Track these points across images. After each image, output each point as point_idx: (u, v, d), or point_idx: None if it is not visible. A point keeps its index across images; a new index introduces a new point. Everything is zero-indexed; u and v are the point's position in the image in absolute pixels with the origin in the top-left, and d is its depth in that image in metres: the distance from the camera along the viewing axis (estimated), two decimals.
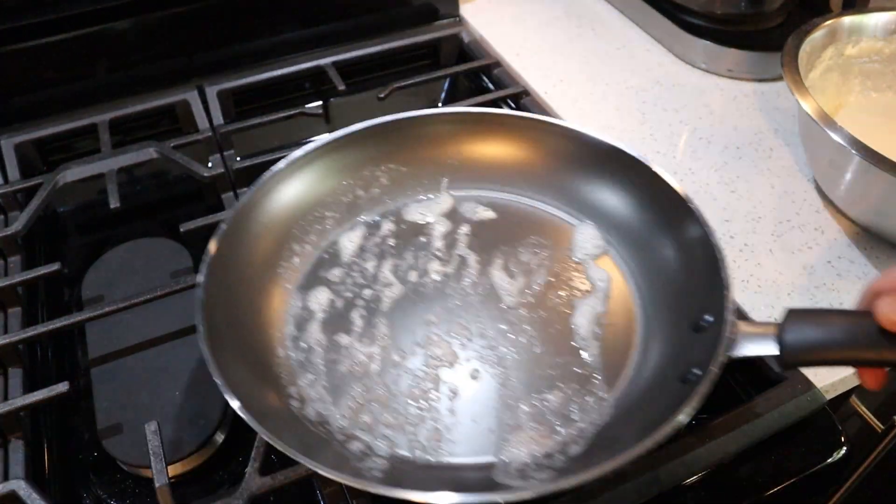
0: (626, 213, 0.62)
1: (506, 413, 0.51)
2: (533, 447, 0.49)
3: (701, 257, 0.53)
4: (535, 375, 0.54)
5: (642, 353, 0.55)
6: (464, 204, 0.66)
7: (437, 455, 0.49)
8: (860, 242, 0.65)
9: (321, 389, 0.53)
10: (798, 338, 0.44)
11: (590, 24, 0.92)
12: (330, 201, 0.64)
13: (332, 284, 0.60)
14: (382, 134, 0.65)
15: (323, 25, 0.87)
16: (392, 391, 0.53)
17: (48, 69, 0.77)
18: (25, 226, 0.65)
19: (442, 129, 0.66)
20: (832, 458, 0.52)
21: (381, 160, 0.65)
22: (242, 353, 0.52)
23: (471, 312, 0.58)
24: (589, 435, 0.50)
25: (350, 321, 0.58)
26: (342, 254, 0.62)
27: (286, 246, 0.61)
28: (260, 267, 0.58)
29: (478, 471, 0.48)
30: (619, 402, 0.52)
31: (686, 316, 0.53)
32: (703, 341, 0.49)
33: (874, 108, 0.74)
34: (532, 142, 0.66)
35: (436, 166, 0.67)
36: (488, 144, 0.67)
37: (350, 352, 0.55)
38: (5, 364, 0.57)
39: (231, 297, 0.54)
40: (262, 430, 0.44)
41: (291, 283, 0.60)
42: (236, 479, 0.53)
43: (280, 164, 0.60)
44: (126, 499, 0.53)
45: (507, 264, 0.61)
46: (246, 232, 0.58)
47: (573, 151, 0.64)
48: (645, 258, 0.60)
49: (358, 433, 0.50)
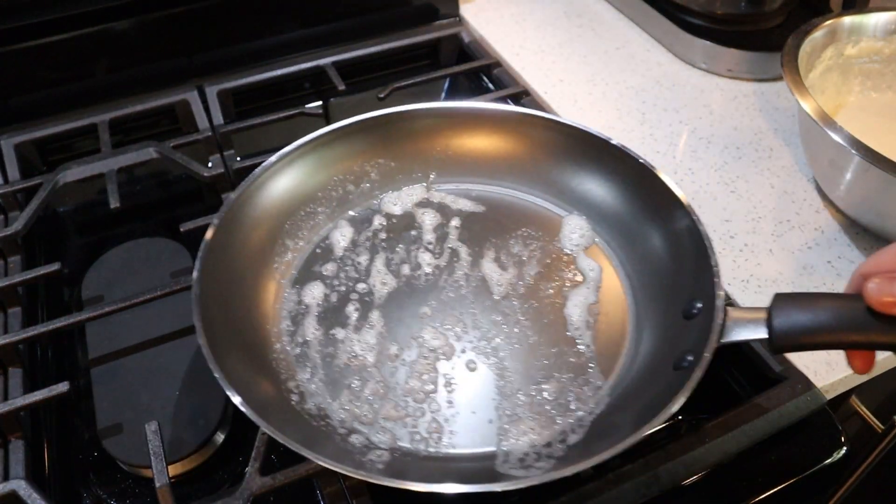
0: (613, 202, 0.63)
1: (504, 403, 0.52)
2: (532, 437, 0.50)
3: (689, 245, 0.54)
4: (530, 366, 0.54)
5: (635, 341, 0.55)
6: (452, 197, 0.67)
7: (438, 446, 0.50)
8: (860, 243, 0.65)
9: (319, 383, 0.53)
10: (787, 322, 0.44)
11: (590, 24, 0.92)
12: (321, 196, 0.64)
13: (325, 279, 0.61)
14: (371, 129, 0.65)
15: (323, 25, 0.87)
16: (390, 384, 0.53)
17: (48, 69, 0.77)
18: (25, 226, 0.65)
19: (429, 124, 0.67)
20: (832, 458, 0.52)
21: (370, 155, 0.66)
22: (240, 348, 0.52)
23: (464, 304, 0.59)
24: (587, 423, 0.50)
25: (345, 315, 0.58)
26: (335, 248, 0.63)
27: (279, 241, 0.61)
28: (254, 262, 0.59)
29: (479, 461, 0.49)
30: (615, 390, 0.52)
31: (676, 303, 0.54)
32: (694, 328, 0.50)
33: (874, 108, 0.74)
34: (518, 135, 0.66)
35: (424, 160, 0.67)
36: (475, 138, 0.67)
37: (346, 345, 0.56)
38: (5, 364, 0.57)
39: (226, 293, 0.54)
40: (265, 425, 0.44)
41: (285, 277, 0.60)
42: (236, 479, 0.53)
43: (271, 159, 0.61)
44: (126, 499, 0.53)
45: (498, 256, 0.62)
46: (239, 227, 0.58)
47: (558, 142, 0.65)
48: (633, 247, 0.61)
49: (358, 426, 0.51)
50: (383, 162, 0.66)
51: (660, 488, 0.49)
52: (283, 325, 0.57)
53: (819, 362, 0.56)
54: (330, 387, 0.53)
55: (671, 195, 0.56)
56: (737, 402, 0.54)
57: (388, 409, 0.52)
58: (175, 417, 0.54)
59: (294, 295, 0.59)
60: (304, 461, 0.48)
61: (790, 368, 0.56)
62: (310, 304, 0.59)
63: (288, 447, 0.43)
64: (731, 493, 0.51)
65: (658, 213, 0.58)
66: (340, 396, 0.52)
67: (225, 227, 0.56)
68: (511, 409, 0.52)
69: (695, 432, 0.51)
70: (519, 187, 0.67)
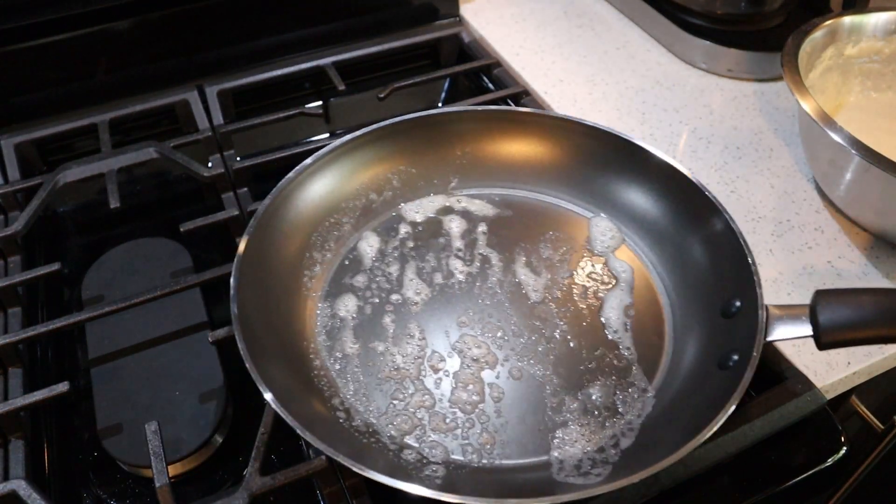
0: (641, 203, 0.63)
1: (552, 410, 0.52)
2: (584, 443, 0.50)
3: (724, 243, 0.55)
4: (574, 370, 0.54)
5: (675, 341, 0.56)
6: (476, 202, 0.66)
7: (492, 458, 0.49)
8: (860, 242, 0.65)
9: (364, 398, 0.53)
10: (832, 318, 0.45)
11: (590, 24, 0.92)
12: (344, 206, 0.64)
13: (357, 291, 0.60)
14: (391, 136, 0.65)
15: (323, 25, 0.87)
16: (436, 396, 0.53)
17: (48, 69, 0.77)
18: (25, 226, 0.65)
19: (453, 128, 0.67)
20: (832, 458, 0.52)
21: (391, 162, 0.66)
22: (284, 367, 0.51)
23: (501, 311, 0.58)
24: (637, 427, 0.50)
25: (382, 327, 0.57)
26: (363, 259, 0.62)
27: (307, 253, 0.61)
28: (285, 276, 0.58)
29: (535, 471, 0.49)
30: (661, 392, 0.52)
31: (714, 302, 0.54)
32: (736, 327, 0.50)
33: (874, 108, 0.74)
34: (543, 138, 0.66)
35: (446, 166, 0.67)
36: (497, 142, 0.67)
37: (387, 358, 0.55)
38: (5, 364, 0.57)
39: (262, 308, 0.54)
40: (331, 451, 0.43)
41: (317, 291, 0.60)
42: (236, 479, 0.53)
43: (298, 168, 0.60)
44: (126, 499, 0.53)
45: (529, 260, 0.62)
46: (270, 240, 0.58)
47: (582, 145, 0.65)
48: (663, 247, 0.61)
49: (409, 441, 0.50)
50: (404, 169, 0.66)
51: (660, 488, 0.49)
52: (320, 339, 0.56)
53: (819, 362, 0.56)
54: (375, 402, 0.52)
55: (702, 196, 0.57)
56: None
57: (437, 422, 0.51)
58: (175, 417, 0.54)
59: (328, 309, 0.58)
60: (304, 461, 0.49)
61: (790, 368, 0.55)
62: (345, 318, 0.58)
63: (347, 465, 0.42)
64: (731, 493, 0.51)
65: (689, 214, 0.59)
66: (387, 411, 0.52)
67: (256, 239, 0.56)
68: (559, 415, 0.51)
69: None
70: (542, 190, 0.67)
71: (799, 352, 0.56)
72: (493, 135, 0.67)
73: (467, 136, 0.67)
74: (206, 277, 0.60)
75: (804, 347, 0.56)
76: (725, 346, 0.50)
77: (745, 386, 0.45)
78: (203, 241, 0.67)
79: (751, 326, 0.48)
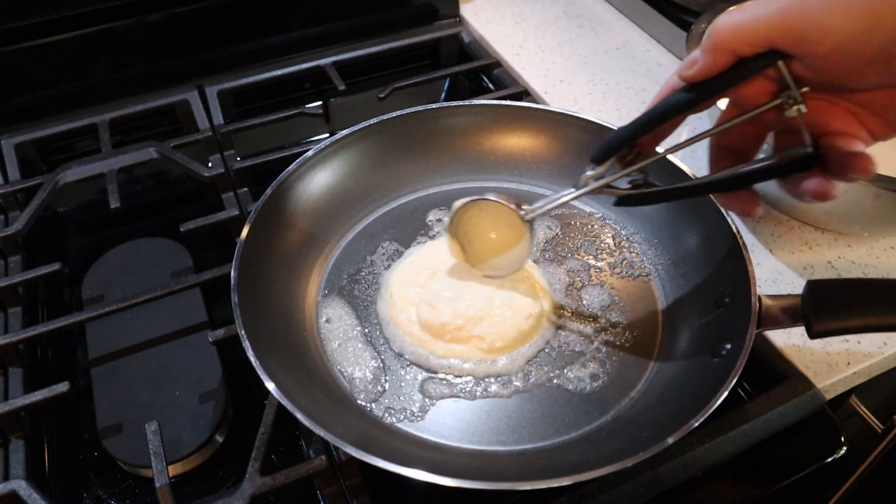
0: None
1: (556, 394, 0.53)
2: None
3: (718, 236, 0.55)
4: (574, 356, 0.55)
5: (669, 330, 0.56)
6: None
7: (492, 443, 0.51)
8: (860, 243, 0.65)
9: (366, 385, 0.53)
10: (823, 307, 0.46)
11: (590, 24, 0.93)
12: (344, 199, 0.64)
13: (357, 281, 0.60)
14: (391, 130, 0.66)
15: (323, 25, 0.87)
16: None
17: (48, 69, 0.77)
18: (26, 226, 0.65)
19: (457, 123, 0.67)
20: (832, 458, 0.52)
21: (391, 156, 0.66)
22: (284, 357, 0.52)
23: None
24: (628, 416, 0.51)
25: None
26: (363, 251, 0.63)
27: (308, 244, 0.61)
28: (286, 266, 0.59)
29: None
30: (653, 382, 0.53)
31: (707, 293, 0.55)
32: (729, 316, 0.51)
33: None
34: (540, 132, 0.68)
35: (450, 160, 0.68)
36: (494, 136, 0.68)
37: (389, 346, 0.56)
38: (5, 364, 0.57)
39: (263, 297, 0.54)
40: (339, 441, 0.43)
41: (318, 281, 0.60)
42: (236, 479, 0.53)
43: (291, 167, 0.61)
44: (126, 499, 0.53)
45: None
46: (270, 233, 0.58)
47: (582, 140, 0.66)
48: (659, 238, 0.62)
49: (405, 428, 0.51)
50: (404, 163, 0.67)
51: (660, 488, 0.49)
52: (322, 330, 0.57)
53: (819, 362, 0.56)
54: (376, 389, 0.53)
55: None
56: (737, 402, 0.54)
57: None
58: (175, 417, 0.54)
59: (328, 299, 0.59)
60: (304, 461, 0.49)
61: (790, 368, 0.55)
62: (345, 308, 0.58)
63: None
64: (731, 493, 0.51)
65: (686, 208, 0.60)
66: (389, 397, 0.53)
67: (258, 228, 0.56)
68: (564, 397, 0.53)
69: (695, 432, 0.51)
70: (539, 183, 0.68)
71: (799, 352, 0.56)
72: (491, 129, 0.68)
73: (466, 130, 0.68)
74: (206, 277, 0.60)
75: (804, 347, 0.56)
76: (719, 335, 0.51)
77: (737, 372, 0.45)
78: (203, 241, 0.67)
79: (744, 315, 0.48)
